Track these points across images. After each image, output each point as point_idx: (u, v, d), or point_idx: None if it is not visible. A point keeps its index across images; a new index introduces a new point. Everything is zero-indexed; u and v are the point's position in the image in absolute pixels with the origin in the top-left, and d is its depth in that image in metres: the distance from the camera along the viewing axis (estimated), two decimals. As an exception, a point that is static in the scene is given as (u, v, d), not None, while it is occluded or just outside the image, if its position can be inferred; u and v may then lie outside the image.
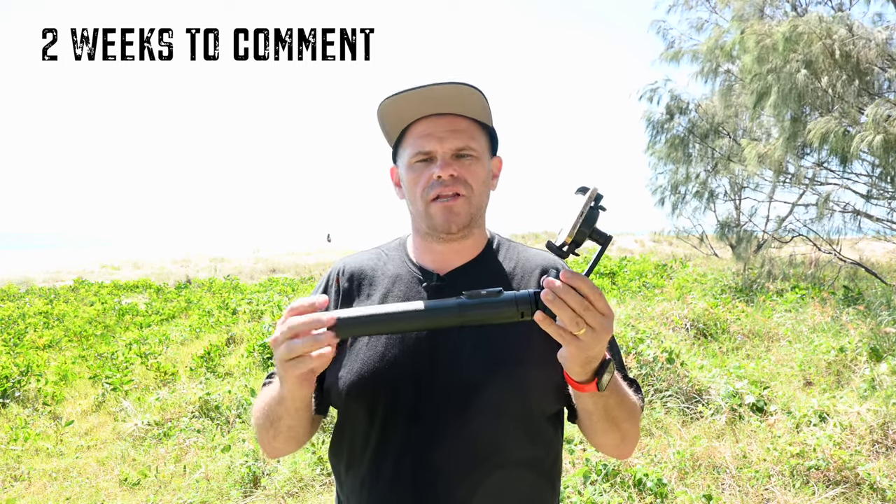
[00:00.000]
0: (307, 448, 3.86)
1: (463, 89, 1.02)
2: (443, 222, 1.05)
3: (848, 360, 4.71)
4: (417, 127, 1.06)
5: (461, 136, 1.05)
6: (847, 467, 3.23)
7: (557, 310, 0.78)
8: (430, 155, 1.05)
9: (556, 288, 0.78)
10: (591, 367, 0.87)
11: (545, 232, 25.82)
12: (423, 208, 1.07)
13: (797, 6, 8.54)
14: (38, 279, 16.39)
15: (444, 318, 0.83)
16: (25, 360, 5.92)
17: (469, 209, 1.06)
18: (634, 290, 9.13)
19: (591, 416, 0.98)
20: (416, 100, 1.03)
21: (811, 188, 8.88)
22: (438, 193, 1.04)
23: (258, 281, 15.22)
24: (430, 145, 1.04)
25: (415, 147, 1.06)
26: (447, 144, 1.04)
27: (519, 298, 0.82)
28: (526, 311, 0.82)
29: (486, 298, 0.83)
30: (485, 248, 1.15)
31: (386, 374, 1.02)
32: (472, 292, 0.84)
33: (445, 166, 1.03)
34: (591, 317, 0.78)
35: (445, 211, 1.04)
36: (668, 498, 3.11)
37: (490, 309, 0.83)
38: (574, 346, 0.81)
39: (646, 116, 12.20)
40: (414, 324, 0.84)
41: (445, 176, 1.03)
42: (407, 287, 1.10)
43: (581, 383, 0.89)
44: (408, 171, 1.08)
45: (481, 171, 1.07)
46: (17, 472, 3.95)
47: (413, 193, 1.08)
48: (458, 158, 1.05)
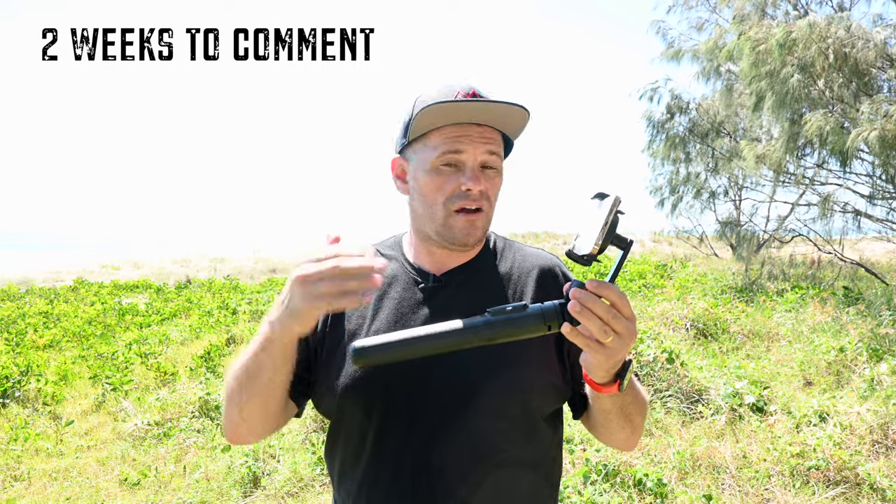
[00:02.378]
0: (307, 448, 3.86)
1: (517, 110, 0.99)
2: (463, 236, 1.03)
3: (848, 360, 4.71)
4: (449, 129, 1.01)
5: (491, 147, 1.02)
6: (847, 467, 3.23)
7: (585, 320, 0.77)
8: (458, 162, 1.01)
9: (583, 298, 0.77)
10: (614, 370, 0.87)
11: (545, 232, 25.81)
12: (442, 217, 1.03)
13: (797, 5, 8.53)
14: (38, 279, 16.39)
15: (472, 338, 0.81)
16: (25, 360, 5.91)
17: (487, 224, 1.05)
18: (634, 290, 9.13)
19: (609, 414, 0.98)
20: (470, 107, 0.98)
21: (811, 188, 8.89)
22: (463, 206, 1.01)
23: (258, 281, 15.22)
24: (461, 149, 1.00)
25: (444, 148, 1.01)
26: (479, 152, 1.01)
27: (546, 312, 0.81)
28: (553, 323, 0.80)
29: (513, 315, 0.81)
30: (483, 249, 1.14)
31: (382, 375, 1.01)
32: (496, 309, 0.81)
33: (476, 180, 1.00)
34: (618, 324, 0.78)
35: (468, 225, 1.02)
36: (668, 498, 3.11)
37: (517, 325, 0.81)
38: (602, 353, 0.80)
39: (646, 116, 12.21)
40: (442, 346, 0.81)
41: (475, 191, 1.00)
42: (403, 288, 1.09)
43: (603, 385, 0.89)
44: (429, 174, 1.02)
45: (500, 184, 1.06)
46: (17, 472, 3.95)
47: (431, 198, 1.03)
48: (483, 170, 1.03)
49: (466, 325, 0.81)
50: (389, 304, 1.07)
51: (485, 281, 1.10)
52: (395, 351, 0.80)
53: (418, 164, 1.05)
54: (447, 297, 1.07)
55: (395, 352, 0.80)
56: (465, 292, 1.08)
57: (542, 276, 1.12)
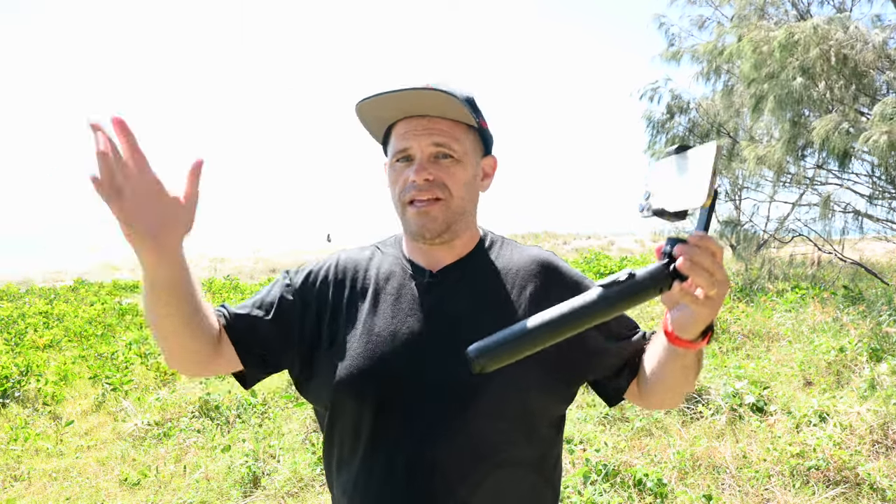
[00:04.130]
0: (307, 448, 3.87)
1: (437, 95, 0.99)
2: (418, 228, 1.04)
3: (848, 360, 4.70)
4: (399, 126, 1.05)
5: (440, 136, 1.03)
6: (847, 467, 3.23)
7: (696, 275, 0.74)
8: (407, 154, 1.03)
9: (692, 253, 0.74)
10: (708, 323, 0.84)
11: (545, 232, 25.80)
12: (400, 211, 1.06)
13: (798, 5, 8.53)
14: (38, 279, 16.40)
15: (591, 316, 0.76)
16: (25, 360, 5.91)
17: (446, 214, 1.03)
18: (634, 290, 9.11)
19: (688, 370, 0.95)
20: (393, 101, 1.01)
21: (811, 188, 8.88)
22: (413, 198, 1.02)
23: (258, 281, 15.22)
24: (407, 145, 1.03)
25: (394, 146, 1.05)
26: (425, 146, 1.02)
27: (655, 275, 0.76)
28: (664, 286, 0.76)
29: (627, 284, 0.76)
30: (476, 246, 1.13)
31: (378, 370, 1.01)
32: (606, 282, 0.76)
33: (420, 170, 1.01)
34: (721, 273, 0.75)
35: (421, 216, 1.03)
36: (668, 498, 3.11)
37: (633, 293, 0.76)
38: (707, 306, 0.78)
39: (646, 116, 12.19)
40: (564, 331, 0.75)
41: (420, 180, 1.01)
42: (399, 283, 1.09)
43: (692, 341, 0.86)
44: (389, 171, 1.07)
45: (462, 173, 1.05)
46: (17, 472, 3.95)
47: (392, 195, 1.07)
48: (437, 160, 1.03)
49: (581, 305, 0.75)
50: (387, 300, 1.07)
51: (480, 276, 1.10)
52: (517, 346, 0.75)
53: (386, 164, 1.09)
54: (444, 292, 1.07)
55: (516, 348, 0.75)
56: (462, 287, 1.08)
57: (541, 269, 1.12)
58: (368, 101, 1.02)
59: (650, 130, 12.40)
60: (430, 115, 1.03)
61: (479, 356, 0.74)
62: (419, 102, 1.02)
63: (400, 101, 1.01)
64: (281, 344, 1.07)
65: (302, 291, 1.11)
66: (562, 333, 0.75)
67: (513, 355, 0.75)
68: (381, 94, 1.00)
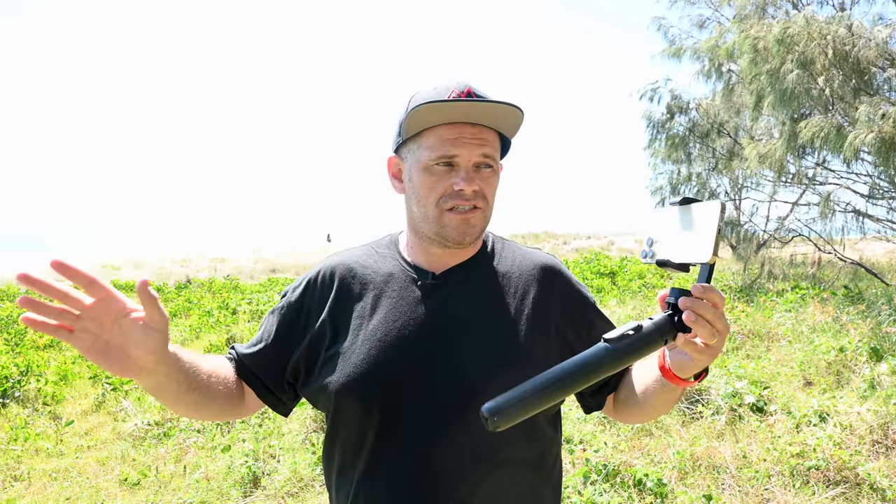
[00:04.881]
0: (307, 448, 3.86)
1: (511, 110, 0.99)
2: (458, 234, 1.03)
3: (848, 360, 4.70)
4: (444, 130, 1.01)
5: (488, 148, 1.02)
6: (847, 467, 3.23)
7: (699, 328, 0.78)
8: (453, 161, 1.01)
9: (695, 306, 0.77)
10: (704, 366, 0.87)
11: (545, 232, 25.81)
12: (435, 215, 1.03)
13: (797, 5, 8.53)
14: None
15: (600, 372, 0.79)
16: (25, 360, 5.91)
17: (483, 223, 1.05)
18: (635, 290, 9.13)
19: (672, 403, 0.99)
20: (464, 107, 0.98)
21: (811, 188, 8.88)
22: (456, 205, 1.02)
23: (258, 281, 15.23)
24: (456, 152, 1.00)
25: (438, 150, 1.01)
26: (474, 155, 1.01)
27: (661, 328, 0.80)
28: (669, 337, 0.81)
29: (634, 338, 0.79)
30: (480, 249, 1.14)
31: (382, 374, 1.00)
32: (612, 336, 0.79)
33: (469, 180, 1.00)
34: (721, 324, 0.78)
35: (462, 223, 1.02)
36: (668, 498, 3.11)
37: (639, 347, 0.79)
38: (706, 354, 0.81)
39: (646, 116, 12.19)
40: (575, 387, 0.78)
41: (469, 191, 1.01)
42: (401, 286, 1.08)
43: (685, 380, 0.90)
44: (423, 173, 1.03)
45: (497, 182, 1.07)
46: (17, 472, 3.95)
47: (425, 197, 1.03)
48: (479, 170, 1.03)
49: (590, 360, 0.79)
50: (387, 303, 1.07)
51: (483, 279, 1.10)
52: (529, 404, 0.77)
53: (413, 164, 1.05)
54: (446, 295, 1.07)
55: (529, 406, 0.77)
56: (464, 290, 1.08)
57: (544, 274, 1.12)
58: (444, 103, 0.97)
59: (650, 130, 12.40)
60: (481, 123, 1.02)
61: (493, 415, 0.76)
62: (481, 112, 0.99)
63: (474, 108, 0.98)
64: (287, 362, 1.11)
65: (299, 303, 1.11)
66: (573, 389, 0.78)
67: (526, 413, 0.78)
68: (464, 101, 0.97)
